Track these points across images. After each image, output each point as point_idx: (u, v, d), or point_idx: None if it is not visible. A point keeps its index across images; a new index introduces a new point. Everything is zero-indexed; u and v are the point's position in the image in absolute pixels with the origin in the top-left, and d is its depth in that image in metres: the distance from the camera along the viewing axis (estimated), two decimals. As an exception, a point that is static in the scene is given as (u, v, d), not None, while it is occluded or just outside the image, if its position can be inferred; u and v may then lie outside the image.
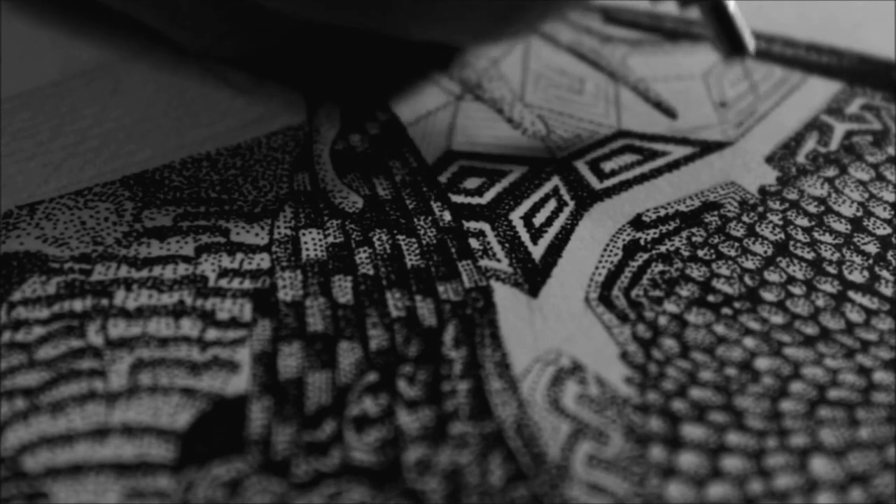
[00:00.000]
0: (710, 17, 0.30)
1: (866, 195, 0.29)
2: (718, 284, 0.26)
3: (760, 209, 0.28)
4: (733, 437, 0.23)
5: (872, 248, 0.27)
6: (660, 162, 0.30)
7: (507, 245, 0.27)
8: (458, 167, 0.30)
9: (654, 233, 0.28)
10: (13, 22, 0.34)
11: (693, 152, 0.30)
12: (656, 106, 0.32)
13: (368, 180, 0.29)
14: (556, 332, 0.25)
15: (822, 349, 0.25)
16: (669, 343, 0.25)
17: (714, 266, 0.27)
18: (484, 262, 0.27)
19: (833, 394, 0.24)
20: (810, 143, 0.31)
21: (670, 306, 0.26)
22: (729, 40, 0.30)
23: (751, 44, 0.30)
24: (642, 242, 0.28)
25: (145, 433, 0.23)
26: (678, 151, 0.30)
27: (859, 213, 0.28)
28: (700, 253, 0.27)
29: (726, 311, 0.26)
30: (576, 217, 0.28)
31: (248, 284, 0.26)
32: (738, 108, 0.32)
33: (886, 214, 0.28)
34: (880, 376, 0.24)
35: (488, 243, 0.27)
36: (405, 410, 0.23)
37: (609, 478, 0.22)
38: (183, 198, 0.28)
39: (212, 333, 0.25)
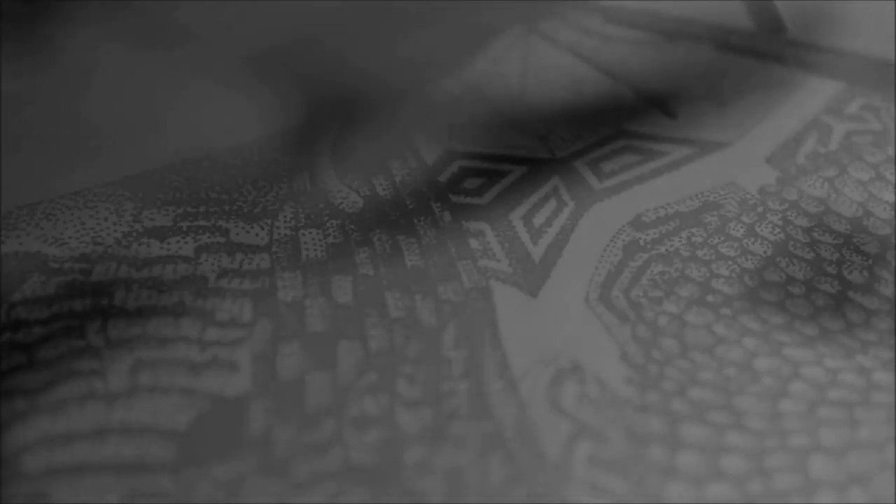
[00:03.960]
0: None
1: (866, 195, 0.29)
2: (718, 284, 0.26)
3: (760, 209, 0.28)
4: (733, 437, 0.23)
5: (872, 248, 0.27)
6: (660, 162, 0.30)
7: (506, 245, 0.27)
8: (458, 167, 0.30)
9: (654, 233, 0.28)
10: (13, 22, 0.34)
11: (693, 152, 0.30)
12: (656, 106, 0.32)
13: (368, 180, 0.29)
14: (556, 332, 0.25)
15: (822, 349, 0.25)
16: (669, 343, 0.25)
17: (714, 266, 0.27)
18: (484, 262, 0.27)
19: (833, 394, 0.24)
20: (810, 143, 0.31)
21: (670, 306, 0.26)
22: (765, 11, 0.30)
23: (785, 16, 0.30)
24: (642, 243, 0.28)
25: (145, 433, 0.23)
26: (678, 151, 0.30)
27: (859, 213, 0.28)
28: (700, 253, 0.27)
29: (726, 311, 0.26)
30: (576, 217, 0.28)
31: (248, 285, 0.26)
32: (738, 107, 0.32)
33: (886, 214, 0.28)
34: (880, 376, 0.24)
35: (488, 243, 0.27)
36: (405, 410, 0.23)
37: (609, 478, 0.22)
38: (183, 198, 0.28)
39: (212, 333, 0.25)
